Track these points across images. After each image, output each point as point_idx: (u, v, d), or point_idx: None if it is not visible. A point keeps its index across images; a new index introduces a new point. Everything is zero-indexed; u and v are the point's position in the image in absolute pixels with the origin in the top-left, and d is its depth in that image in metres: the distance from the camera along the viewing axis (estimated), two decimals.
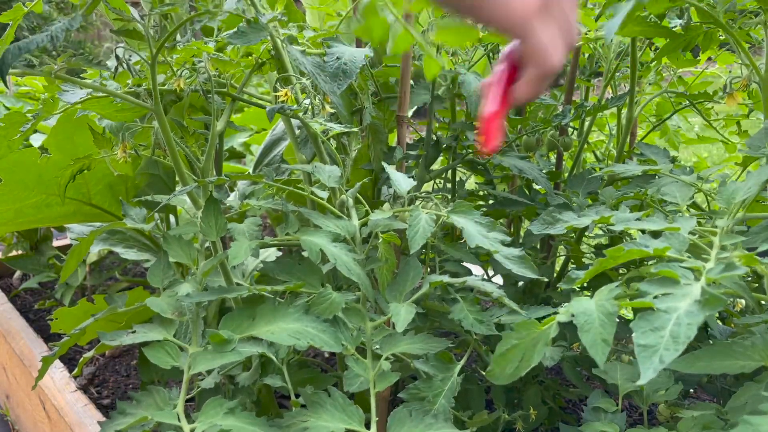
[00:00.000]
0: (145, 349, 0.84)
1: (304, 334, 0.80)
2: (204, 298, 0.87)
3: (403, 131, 1.11)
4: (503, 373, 0.67)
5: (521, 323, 0.66)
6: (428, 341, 0.89)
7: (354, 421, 0.76)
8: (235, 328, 0.84)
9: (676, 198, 0.90)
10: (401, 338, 0.88)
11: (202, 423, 0.76)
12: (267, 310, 0.85)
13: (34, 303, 2.01)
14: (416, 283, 0.91)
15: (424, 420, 0.77)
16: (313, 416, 0.76)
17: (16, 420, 1.73)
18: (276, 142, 1.57)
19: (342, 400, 0.78)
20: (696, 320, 0.49)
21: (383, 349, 0.86)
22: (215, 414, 0.76)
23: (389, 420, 0.77)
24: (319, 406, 0.77)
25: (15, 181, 1.25)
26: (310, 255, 0.85)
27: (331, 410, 0.77)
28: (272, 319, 0.83)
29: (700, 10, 0.95)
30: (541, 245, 1.29)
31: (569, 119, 1.19)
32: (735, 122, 1.51)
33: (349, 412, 0.77)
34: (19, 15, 0.84)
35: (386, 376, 0.83)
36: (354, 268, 0.86)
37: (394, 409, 0.79)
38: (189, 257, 0.94)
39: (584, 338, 0.54)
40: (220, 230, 0.91)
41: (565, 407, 1.38)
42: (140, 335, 0.86)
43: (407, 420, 0.77)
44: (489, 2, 0.60)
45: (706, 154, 4.00)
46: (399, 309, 0.84)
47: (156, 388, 0.83)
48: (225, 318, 0.87)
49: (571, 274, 0.65)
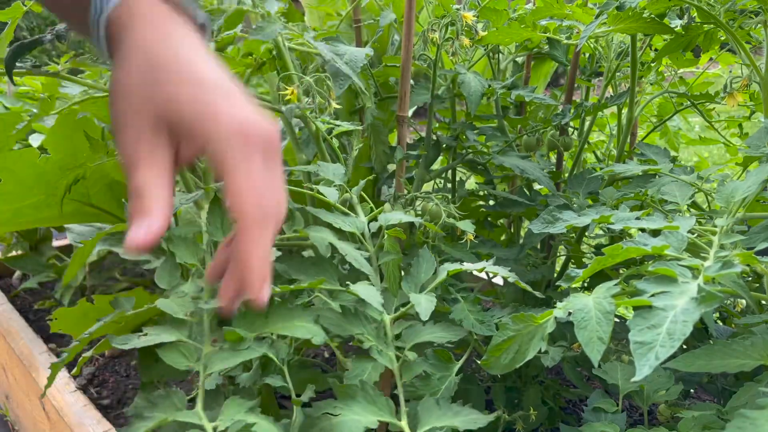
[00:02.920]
0: (159, 351, 0.84)
1: (317, 333, 0.81)
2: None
3: (403, 131, 1.11)
4: (498, 363, 0.67)
5: (518, 316, 0.66)
6: (449, 329, 0.89)
7: (385, 413, 0.76)
8: (248, 326, 0.85)
9: (676, 197, 0.90)
10: (422, 328, 0.88)
11: (223, 421, 0.76)
12: (280, 309, 0.85)
13: (34, 303, 2.01)
14: (429, 275, 0.91)
15: (452, 408, 0.78)
16: (345, 409, 0.76)
17: (15, 420, 1.73)
18: None
19: (372, 392, 0.78)
20: (692, 317, 0.49)
21: (406, 340, 0.86)
22: (236, 412, 0.77)
23: (419, 408, 0.77)
24: (350, 398, 0.77)
25: (14, 181, 1.25)
26: (320, 248, 0.85)
27: (362, 402, 0.77)
28: (286, 318, 0.84)
29: (700, 10, 0.95)
30: (542, 245, 1.29)
31: (569, 119, 1.18)
32: (737, 124, 1.51)
33: (380, 404, 0.77)
34: (18, 14, 0.84)
35: (411, 367, 0.83)
36: (363, 261, 0.87)
37: (423, 399, 0.79)
38: (195, 257, 0.94)
39: (580, 335, 0.54)
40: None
41: (566, 407, 1.38)
42: (153, 337, 0.86)
43: (435, 409, 0.77)
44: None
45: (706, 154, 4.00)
46: (419, 299, 0.83)
47: (173, 390, 0.83)
48: (237, 317, 0.87)
49: (570, 272, 0.65)
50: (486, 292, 1.40)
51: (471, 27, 1.08)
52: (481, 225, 1.39)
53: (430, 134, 1.20)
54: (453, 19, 1.08)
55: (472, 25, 1.08)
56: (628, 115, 1.21)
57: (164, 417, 0.78)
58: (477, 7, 1.18)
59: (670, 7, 0.99)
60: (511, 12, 1.20)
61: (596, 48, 1.24)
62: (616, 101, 1.19)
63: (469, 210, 1.37)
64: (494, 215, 1.41)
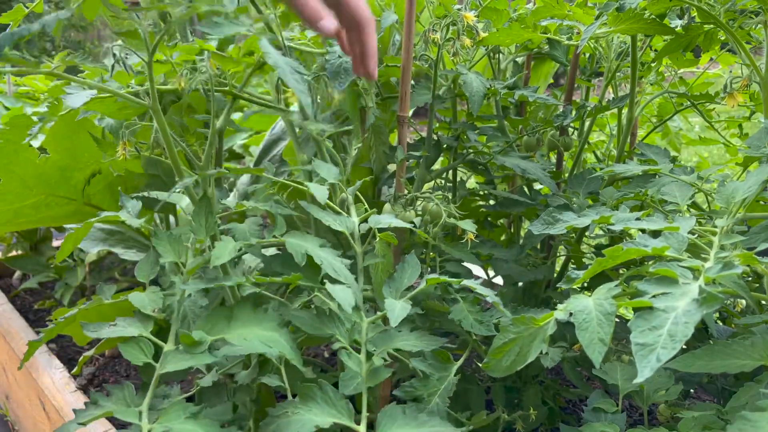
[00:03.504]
0: (120, 345, 0.84)
1: (276, 343, 0.79)
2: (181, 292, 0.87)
3: (404, 131, 1.11)
4: (499, 366, 0.67)
5: (519, 318, 0.66)
6: (423, 338, 0.88)
7: (344, 416, 0.76)
8: (211, 328, 0.84)
9: (676, 198, 0.90)
10: (396, 335, 0.88)
11: (160, 424, 0.75)
12: (245, 312, 0.84)
13: (34, 303, 2.01)
14: (413, 281, 0.90)
15: (417, 417, 0.76)
16: (303, 408, 0.76)
17: (15, 420, 1.73)
18: (275, 141, 1.57)
19: (333, 395, 0.77)
20: (693, 319, 0.49)
21: (377, 346, 0.85)
22: (176, 417, 0.76)
23: (379, 416, 0.76)
24: (309, 399, 0.77)
25: (15, 181, 1.25)
26: (295, 257, 0.85)
27: (321, 404, 0.76)
28: (248, 322, 0.83)
29: (700, 10, 0.95)
30: (542, 245, 1.29)
31: (570, 119, 1.18)
32: (737, 125, 1.51)
33: (340, 406, 0.76)
34: (19, 16, 0.85)
35: (378, 372, 0.82)
36: (341, 269, 0.86)
37: (386, 406, 0.78)
38: (177, 255, 0.93)
39: (581, 337, 0.54)
40: (210, 229, 0.91)
41: (566, 407, 1.38)
42: (119, 329, 0.85)
43: (399, 417, 0.76)
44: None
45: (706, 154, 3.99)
46: (394, 305, 0.83)
47: (127, 383, 0.83)
48: (202, 318, 0.87)
49: (571, 273, 0.65)
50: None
51: (472, 27, 1.08)
52: (482, 225, 1.39)
53: (431, 134, 1.20)
54: (454, 20, 1.07)
55: (473, 26, 1.08)
56: (628, 116, 1.21)
57: (110, 410, 0.78)
58: (478, 7, 1.18)
59: (670, 8, 0.99)
60: (512, 12, 1.20)
61: (596, 48, 1.24)
62: (618, 104, 1.19)
63: (469, 210, 1.37)
64: (494, 215, 1.41)
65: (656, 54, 1.19)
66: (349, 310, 0.81)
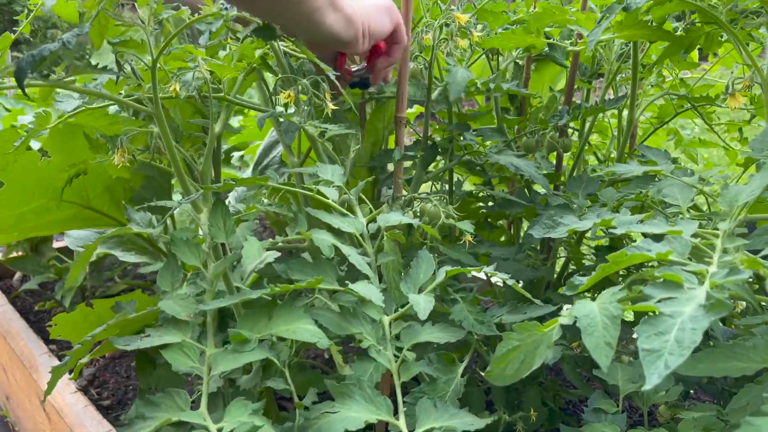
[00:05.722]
0: (163, 351, 0.84)
1: (321, 336, 0.82)
2: (230, 301, 0.87)
3: (401, 132, 1.11)
4: (502, 374, 0.67)
5: (522, 324, 0.66)
6: (448, 330, 0.89)
7: (383, 412, 0.77)
8: (252, 327, 0.85)
9: (678, 200, 0.90)
10: (420, 329, 0.89)
11: (228, 423, 0.76)
12: (284, 311, 0.86)
13: (35, 304, 2.01)
14: (428, 276, 0.91)
15: (448, 410, 0.79)
16: (342, 407, 0.76)
17: (16, 421, 1.73)
18: (275, 143, 1.58)
19: (370, 391, 0.78)
20: (701, 325, 0.49)
21: (405, 340, 0.86)
22: (241, 414, 0.77)
23: (417, 409, 0.78)
24: (347, 397, 0.78)
25: (16, 186, 1.25)
26: (323, 250, 0.86)
27: (359, 401, 0.77)
28: (288, 320, 0.84)
29: (702, 11, 0.95)
30: (541, 246, 1.29)
31: (566, 120, 1.18)
32: (737, 128, 1.51)
33: (378, 403, 0.77)
34: (7, 43, 0.83)
35: (410, 367, 0.84)
36: (364, 263, 0.87)
37: (420, 400, 0.80)
38: (198, 259, 0.94)
39: (587, 341, 0.54)
40: (229, 232, 0.91)
41: (566, 408, 1.38)
42: (156, 338, 0.86)
43: (432, 410, 0.78)
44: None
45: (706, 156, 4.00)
46: (418, 299, 0.84)
47: (175, 390, 0.83)
48: (241, 318, 0.88)
49: (574, 280, 0.65)
50: (484, 292, 1.40)
51: (466, 28, 1.08)
52: (481, 226, 1.39)
53: (426, 135, 1.20)
54: (447, 21, 1.08)
55: (466, 27, 1.08)
56: (628, 117, 1.21)
57: (167, 417, 0.78)
58: (473, 8, 1.19)
59: (670, 13, 0.99)
60: (512, 15, 1.20)
61: (597, 50, 1.24)
62: (614, 105, 1.19)
63: (468, 211, 1.37)
64: (494, 216, 1.41)
65: (657, 58, 1.19)
66: (381, 304, 0.83)
